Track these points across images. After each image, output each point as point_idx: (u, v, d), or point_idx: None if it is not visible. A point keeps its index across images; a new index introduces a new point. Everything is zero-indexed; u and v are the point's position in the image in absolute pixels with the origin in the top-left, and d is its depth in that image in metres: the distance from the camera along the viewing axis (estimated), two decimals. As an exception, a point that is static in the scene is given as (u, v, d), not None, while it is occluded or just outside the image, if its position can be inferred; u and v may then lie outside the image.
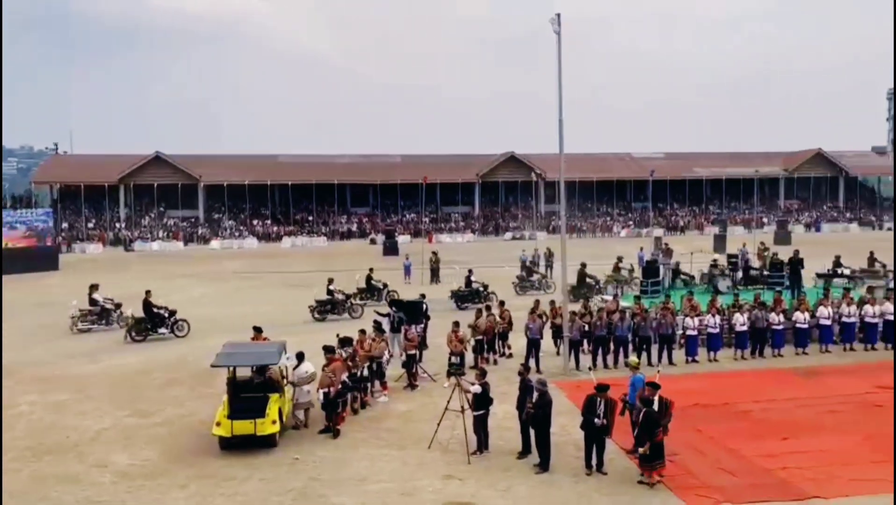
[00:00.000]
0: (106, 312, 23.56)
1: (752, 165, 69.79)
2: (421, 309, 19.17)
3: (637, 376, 12.44)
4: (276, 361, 13.37)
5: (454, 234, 63.49)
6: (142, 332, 21.73)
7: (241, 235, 61.73)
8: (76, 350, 20.50)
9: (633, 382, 12.35)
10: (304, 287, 30.22)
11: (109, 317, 23.50)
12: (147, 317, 21.96)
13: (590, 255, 33.09)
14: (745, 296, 21.40)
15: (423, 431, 13.07)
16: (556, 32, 16.17)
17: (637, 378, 12.38)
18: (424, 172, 55.50)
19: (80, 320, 23.15)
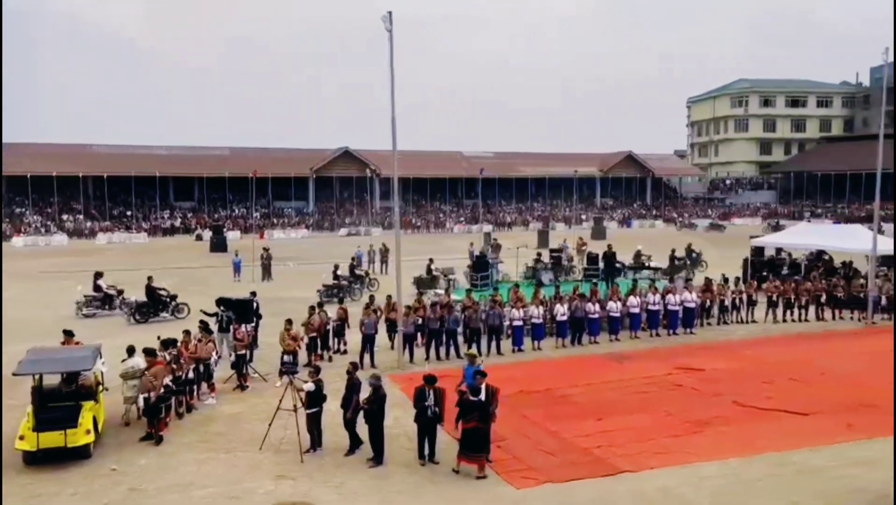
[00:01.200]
0: (109, 297, 24.39)
1: (572, 166, 74.71)
2: (251, 307, 18.58)
3: (469, 367, 12.85)
4: (90, 366, 12.42)
5: (287, 230, 62.04)
6: (145, 315, 22.96)
7: (49, 231, 56.37)
8: None
9: (467, 374, 12.73)
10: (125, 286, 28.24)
11: (112, 302, 24.27)
12: (150, 301, 23.25)
13: (424, 250, 33.75)
14: (566, 288, 22.84)
15: (254, 432, 12.73)
16: (387, 30, 16.31)
17: (469, 368, 12.80)
18: (255, 166, 53.75)
19: (85, 306, 24.13)
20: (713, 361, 17.96)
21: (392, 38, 16.48)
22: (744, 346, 19.82)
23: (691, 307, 21.36)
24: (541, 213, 72.27)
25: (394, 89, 16.86)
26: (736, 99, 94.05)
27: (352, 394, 11.84)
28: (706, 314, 22.28)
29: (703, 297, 22.08)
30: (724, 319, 22.67)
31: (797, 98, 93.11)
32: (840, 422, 13.33)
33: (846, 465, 11.44)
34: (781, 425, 13.25)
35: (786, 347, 19.73)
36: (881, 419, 13.01)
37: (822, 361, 17.88)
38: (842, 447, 12.16)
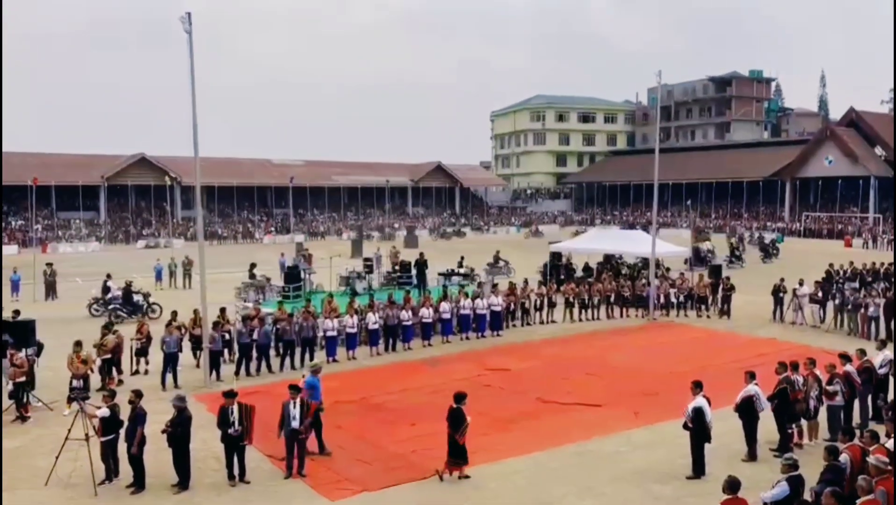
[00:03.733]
0: None
1: (384, 175, 75.65)
2: (31, 330, 16.71)
3: (309, 378, 12.56)
4: None
5: (75, 242, 56.67)
6: None
7: None
8: None
9: (310, 385, 12.38)
10: None
11: None
12: None
13: (232, 262, 32.42)
14: (380, 296, 23.00)
15: (39, 467, 11.44)
16: (186, 32, 15.48)
17: (309, 379, 12.52)
18: (34, 173, 48.64)
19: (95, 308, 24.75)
20: (518, 360, 18.97)
21: (192, 40, 15.69)
22: (545, 345, 21.13)
23: (498, 310, 22.41)
24: (354, 223, 72.32)
25: (194, 92, 16.04)
26: (535, 113, 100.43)
27: (135, 425, 10.90)
28: (511, 316, 23.49)
29: (507, 300, 23.26)
30: (527, 320, 24.02)
31: (587, 114, 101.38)
32: (629, 410, 14.63)
33: (634, 448, 12.58)
34: (579, 417, 14.29)
35: (581, 344, 21.31)
36: (662, 406, 14.45)
37: (612, 356, 19.54)
38: (630, 433, 13.35)
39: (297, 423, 11.29)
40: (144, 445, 10.89)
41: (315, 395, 12.29)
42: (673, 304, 25.89)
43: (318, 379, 12.68)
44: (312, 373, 12.85)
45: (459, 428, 11.10)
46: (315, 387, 12.46)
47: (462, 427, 11.11)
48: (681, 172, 71.36)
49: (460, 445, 11.15)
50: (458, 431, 11.10)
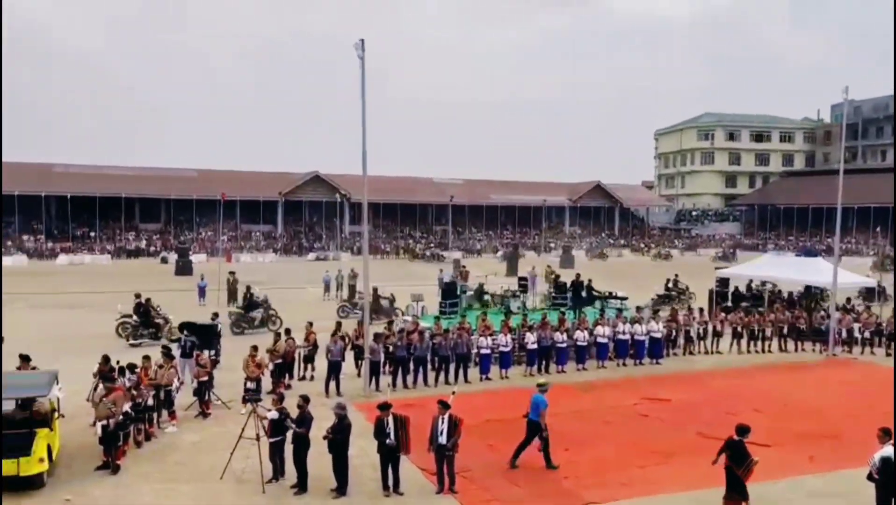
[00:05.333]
0: None
1: (542, 195, 75.45)
2: (215, 332, 18.28)
3: (538, 396, 12.66)
4: (46, 392, 12.05)
5: (255, 253, 61.43)
6: None
7: (8, 252, 55.03)
8: None
9: (535, 402, 12.58)
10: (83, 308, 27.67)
11: None
12: None
13: (392, 276, 33.64)
14: (533, 316, 22.89)
15: (216, 461, 12.42)
16: (359, 58, 16.38)
17: (538, 398, 12.61)
18: (223, 188, 53.22)
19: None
20: (679, 391, 18.07)
21: (364, 66, 16.56)
22: (709, 376, 19.99)
23: (657, 337, 21.53)
24: (510, 241, 72.64)
25: (365, 115, 16.90)
26: (702, 132, 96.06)
27: (302, 427, 11.58)
28: (672, 344, 22.47)
29: (668, 326, 22.28)
30: (689, 349, 22.87)
31: (761, 132, 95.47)
32: (802, 453, 13.46)
33: (808, 497, 11.54)
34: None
35: (749, 377, 19.93)
36: (843, 451, 13.16)
37: (785, 393, 18.10)
38: (803, 479, 12.26)
39: (444, 438, 11.43)
40: (308, 448, 11.50)
41: (533, 413, 12.43)
42: (856, 339, 23.60)
43: (540, 397, 12.65)
44: (541, 391, 12.82)
45: (743, 463, 10.50)
46: (539, 404, 12.50)
47: (747, 463, 10.45)
48: (869, 195, 65.07)
49: (741, 480, 10.50)
50: (741, 466, 10.51)
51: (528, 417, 12.68)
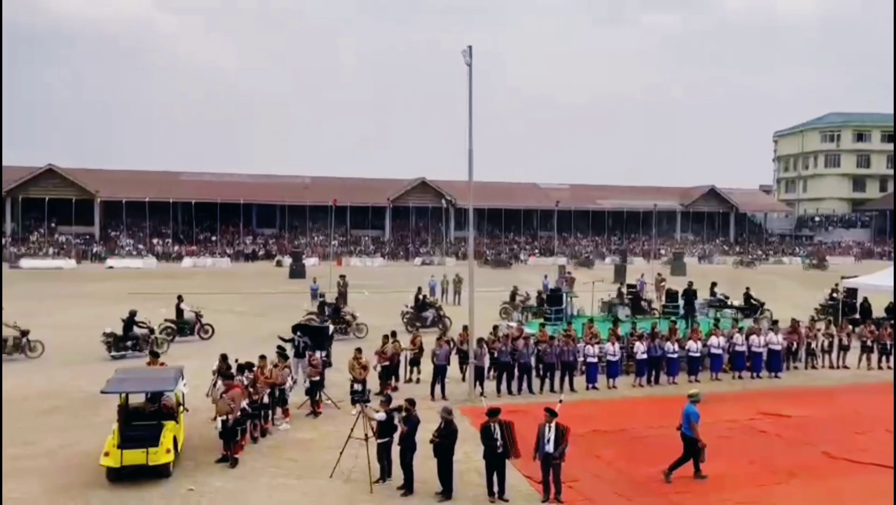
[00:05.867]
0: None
1: (651, 199, 73.25)
2: (326, 334, 18.87)
3: (689, 407, 12.37)
4: (172, 387, 12.82)
5: (364, 257, 63.10)
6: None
7: (140, 254, 59.15)
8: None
9: (686, 413, 12.33)
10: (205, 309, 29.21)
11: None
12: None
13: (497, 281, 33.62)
14: (643, 325, 22.23)
15: (326, 459, 12.80)
16: (467, 64, 16.49)
17: (689, 409, 12.32)
18: (335, 195, 55.11)
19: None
20: (800, 407, 17.04)
21: (471, 72, 16.66)
22: (835, 392, 18.75)
23: (776, 350, 20.40)
24: (618, 247, 71.04)
25: (472, 121, 16.99)
26: (827, 133, 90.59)
27: (412, 431, 11.75)
28: (792, 357, 21.23)
29: (789, 339, 21.07)
30: (812, 363, 21.53)
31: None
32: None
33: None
34: (877, 481, 12.38)
35: (882, 395, 18.48)
36: None
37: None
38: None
39: (551, 447, 11.26)
40: (415, 451, 11.65)
41: (685, 425, 12.16)
42: None
43: (692, 409, 12.34)
44: (692, 402, 12.51)
45: None
46: (690, 416, 12.21)
47: None
48: None
49: None
50: None
51: (682, 431, 12.27)
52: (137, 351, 21.38)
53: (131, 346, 21.62)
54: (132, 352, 21.45)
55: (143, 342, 21.64)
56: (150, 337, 21.96)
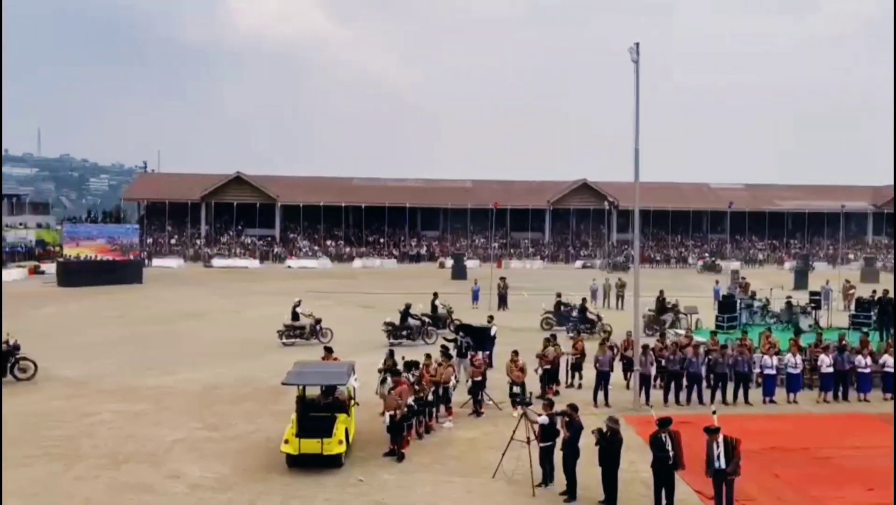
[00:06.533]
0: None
1: (838, 199, 67.08)
2: (489, 335, 19.08)
3: None
4: (345, 382, 13.52)
5: (524, 259, 63.20)
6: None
7: (315, 255, 63.09)
8: (154, 363, 21.22)
9: None
10: (374, 308, 30.62)
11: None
12: None
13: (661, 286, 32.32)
14: (829, 336, 20.44)
15: (488, 459, 12.94)
16: (633, 62, 16.02)
17: None
18: (495, 198, 55.60)
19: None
20: None
21: (638, 70, 16.16)
22: None
23: None
24: (798, 252, 65.82)
25: (638, 119, 16.48)
26: None
27: (574, 436, 11.56)
28: None
29: None
30: None
31: None
32: None
33: None
34: None
35: None
36: None
37: None
38: None
39: (723, 463, 10.62)
40: (578, 457, 11.48)
41: None
42: None
43: None
44: None
45: None
46: None
47: None
48: None
49: None
50: None
51: None
52: (410, 340, 23.87)
53: (406, 335, 24.18)
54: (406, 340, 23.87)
55: (417, 333, 24.17)
56: (423, 328, 24.38)
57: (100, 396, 17.29)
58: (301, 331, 24.05)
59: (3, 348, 18.70)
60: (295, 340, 23.86)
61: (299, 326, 24.16)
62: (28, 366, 18.97)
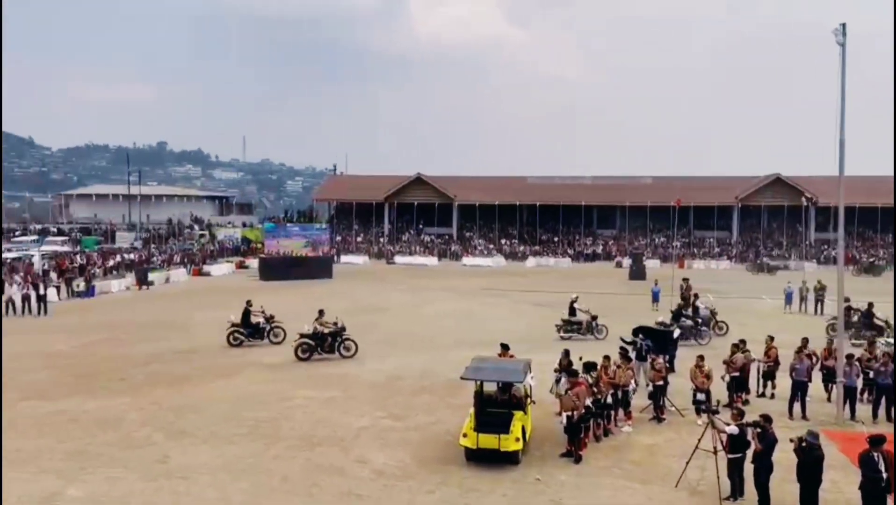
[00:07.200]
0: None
1: None
2: (671, 337, 18.30)
3: None
4: (521, 379, 13.57)
5: (708, 260, 59.87)
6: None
7: (490, 253, 63.97)
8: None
9: None
10: (548, 306, 30.45)
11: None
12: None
13: (868, 291, 29.26)
14: None
15: (670, 467, 12.42)
16: (839, 44, 14.60)
17: None
18: (677, 195, 53.10)
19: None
20: None
21: (844, 53, 14.71)
22: None
23: None
24: None
25: (843, 107, 14.99)
26: None
27: (768, 449, 10.73)
28: None
29: None
30: None
31: None
32: None
33: None
34: None
35: None
36: None
37: None
38: None
39: None
40: (771, 471, 10.69)
41: None
42: None
43: None
44: None
45: None
46: None
47: None
48: None
49: None
50: None
51: None
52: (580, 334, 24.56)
53: (576, 328, 24.88)
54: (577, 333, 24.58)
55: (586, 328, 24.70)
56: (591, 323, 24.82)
57: (295, 383, 18.69)
58: (252, 330, 23.59)
59: (333, 329, 21.52)
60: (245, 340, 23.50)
61: (253, 325, 23.63)
62: (350, 345, 21.62)
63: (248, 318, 23.72)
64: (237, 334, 23.50)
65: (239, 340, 23.45)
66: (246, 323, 23.64)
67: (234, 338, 23.46)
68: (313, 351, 21.34)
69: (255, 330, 23.56)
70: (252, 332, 23.54)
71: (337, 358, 21.43)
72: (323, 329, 21.63)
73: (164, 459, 12.97)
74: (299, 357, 21.24)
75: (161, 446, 13.69)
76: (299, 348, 21.34)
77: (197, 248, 60.03)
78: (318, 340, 21.44)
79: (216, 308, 31.86)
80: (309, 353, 21.31)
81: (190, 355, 22.07)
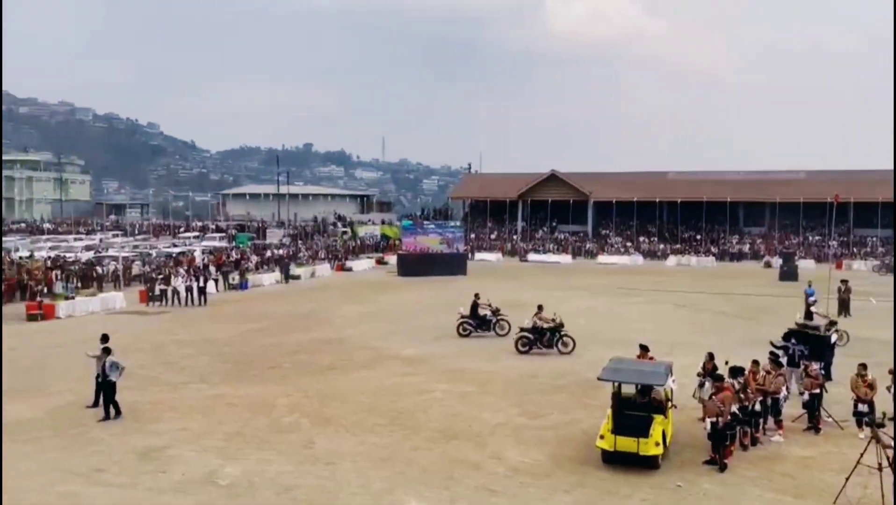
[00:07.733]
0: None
1: None
2: (828, 343, 17.03)
3: None
4: (663, 382, 13.13)
5: (869, 260, 55.10)
6: None
7: (627, 252, 62.27)
8: (477, 349, 22.81)
9: None
10: (690, 307, 29.28)
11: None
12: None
13: None
14: None
15: (827, 482, 11.58)
16: None
17: None
18: (834, 190, 49.25)
19: None
20: None
21: None
22: None
23: None
24: None
25: None
26: None
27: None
28: None
29: None
30: None
31: None
32: None
33: None
34: None
35: None
36: None
37: None
38: None
39: None
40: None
41: None
42: None
43: None
44: None
45: None
46: None
47: None
48: None
49: None
50: None
51: None
52: None
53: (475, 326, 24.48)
54: None
55: None
56: None
57: (432, 376, 19.12)
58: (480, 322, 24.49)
59: (552, 325, 22.14)
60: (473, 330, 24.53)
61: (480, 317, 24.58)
62: (569, 341, 22.08)
63: (476, 310, 24.88)
64: (466, 325, 24.67)
65: (468, 330, 24.60)
66: (474, 315, 24.78)
67: (462, 329, 24.64)
68: (532, 345, 21.89)
69: (482, 322, 24.67)
70: (479, 323, 24.66)
71: (470, 352, 21.73)
72: (542, 324, 22.11)
73: (309, 445, 13.68)
74: (519, 350, 21.92)
75: (307, 432, 14.44)
76: (519, 342, 22.05)
77: (340, 244, 62.80)
78: (538, 334, 21.97)
79: (359, 302, 33.25)
80: (528, 346, 21.91)
81: (334, 346, 23.15)
